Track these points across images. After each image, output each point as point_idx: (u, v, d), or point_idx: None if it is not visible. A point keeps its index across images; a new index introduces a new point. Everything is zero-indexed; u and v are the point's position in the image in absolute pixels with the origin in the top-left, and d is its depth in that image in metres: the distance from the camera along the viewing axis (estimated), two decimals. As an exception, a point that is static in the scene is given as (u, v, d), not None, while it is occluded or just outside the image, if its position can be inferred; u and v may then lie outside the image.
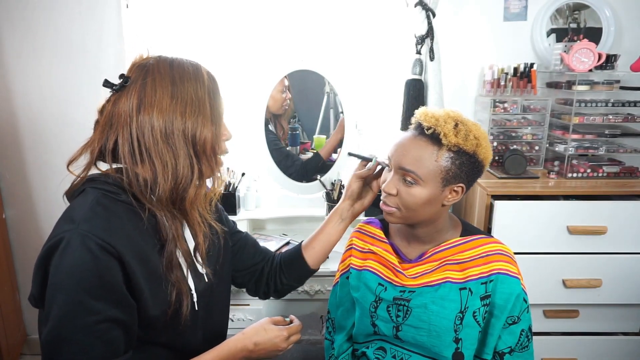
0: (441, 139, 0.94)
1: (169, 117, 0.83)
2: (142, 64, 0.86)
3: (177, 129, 0.83)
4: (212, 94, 0.89)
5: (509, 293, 0.99)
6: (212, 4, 1.84)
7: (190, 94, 0.85)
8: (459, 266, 1.02)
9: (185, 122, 0.84)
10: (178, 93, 0.84)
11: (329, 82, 1.88)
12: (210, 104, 0.87)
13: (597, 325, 1.66)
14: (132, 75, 0.86)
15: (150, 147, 0.82)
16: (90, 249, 0.76)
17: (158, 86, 0.83)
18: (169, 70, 0.85)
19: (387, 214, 1.03)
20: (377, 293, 1.07)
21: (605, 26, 1.85)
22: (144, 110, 0.82)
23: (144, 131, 0.82)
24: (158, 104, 0.83)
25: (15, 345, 2.05)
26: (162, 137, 0.83)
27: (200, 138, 0.85)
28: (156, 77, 0.84)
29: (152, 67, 0.85)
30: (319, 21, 1.87)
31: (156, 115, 0.82)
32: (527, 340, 1.03)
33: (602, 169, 1.66)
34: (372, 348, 1.11)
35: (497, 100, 1.76)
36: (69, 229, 0.78)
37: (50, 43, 1.86)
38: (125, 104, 0.83)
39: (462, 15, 1.88)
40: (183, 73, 0.86)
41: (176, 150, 0.83)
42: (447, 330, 0.99)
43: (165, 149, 0.83)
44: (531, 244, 1.55)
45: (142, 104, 0.83)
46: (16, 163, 1.98)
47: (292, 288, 1.21)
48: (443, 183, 0.97)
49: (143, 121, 0.82)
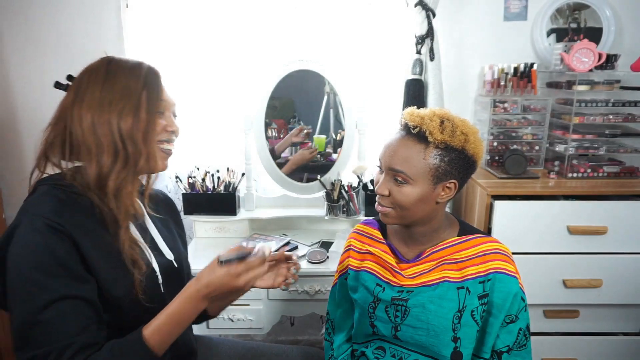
0: (427, 136, 0.95)
1: (97, 108, 0.86)
2: (89, 65, 0.92)
3: (104, 118, 0.86)
4: (149, 87, 0.90)
5: (507, 292, 0.99)
6: (212, 4, 1.84)
7: (120, 86, 0.88)
8: (456, 265, 1.02)
9: (112, 113, 0.86)
10: (109, 86, 0.87)
11: (329, 82, 1.88)
12: (147, 96, 0.89)
13: (597, 325, 1.65)
14: (79, 75, 0.91)
15: (79, 137, 0.86)
16: (38, 229, 0.80)
17: (92, 81, 0.88)
18: (105, 67, 0.89)
19: (382, 215, 1.04)
20: (375, 294, 1.07)
21: (605, 26, 1.85)
22: (77, 103, 0.87)
23: (75, 123, 0.86)
24: (89, 97, 0.87)
25: (15, 345, 2.05)
26: (89, 127, 0.86)
27: (126, 127, 0.87)
28: (92, 73, 0.89)
29: (93, 66, 0.91)
30: (319, 21, 1.87)
31: (86, 107, 0.86)
32: (525, 339, 1.03)
33: (602, 169, 1.66)
34: (371, 348, 1.11)
35: (497, 100, 1.76)
36: (19, 220, 0.82)
37: (51, 43, 1.86)
38: (65, 100, 0.89)
39: (462, 15, 1.88)
40: (118, 68, 0.89)
41: (100, 138, 0.86)
42: (445, 330, 0.99)
43: (91, 138, 0.86)
44: (531, 244, 1.55)
45: (76, 98, 0.88)
46: (16, 163, 1.98)
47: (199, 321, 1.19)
48: (434, 180, 0.97)
49: (75, 114, 0.87)
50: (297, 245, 1.82)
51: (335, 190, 1.84)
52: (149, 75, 0.91)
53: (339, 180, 1.86)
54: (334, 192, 1.84)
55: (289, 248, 1.78)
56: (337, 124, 1.95)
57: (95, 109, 0.86)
